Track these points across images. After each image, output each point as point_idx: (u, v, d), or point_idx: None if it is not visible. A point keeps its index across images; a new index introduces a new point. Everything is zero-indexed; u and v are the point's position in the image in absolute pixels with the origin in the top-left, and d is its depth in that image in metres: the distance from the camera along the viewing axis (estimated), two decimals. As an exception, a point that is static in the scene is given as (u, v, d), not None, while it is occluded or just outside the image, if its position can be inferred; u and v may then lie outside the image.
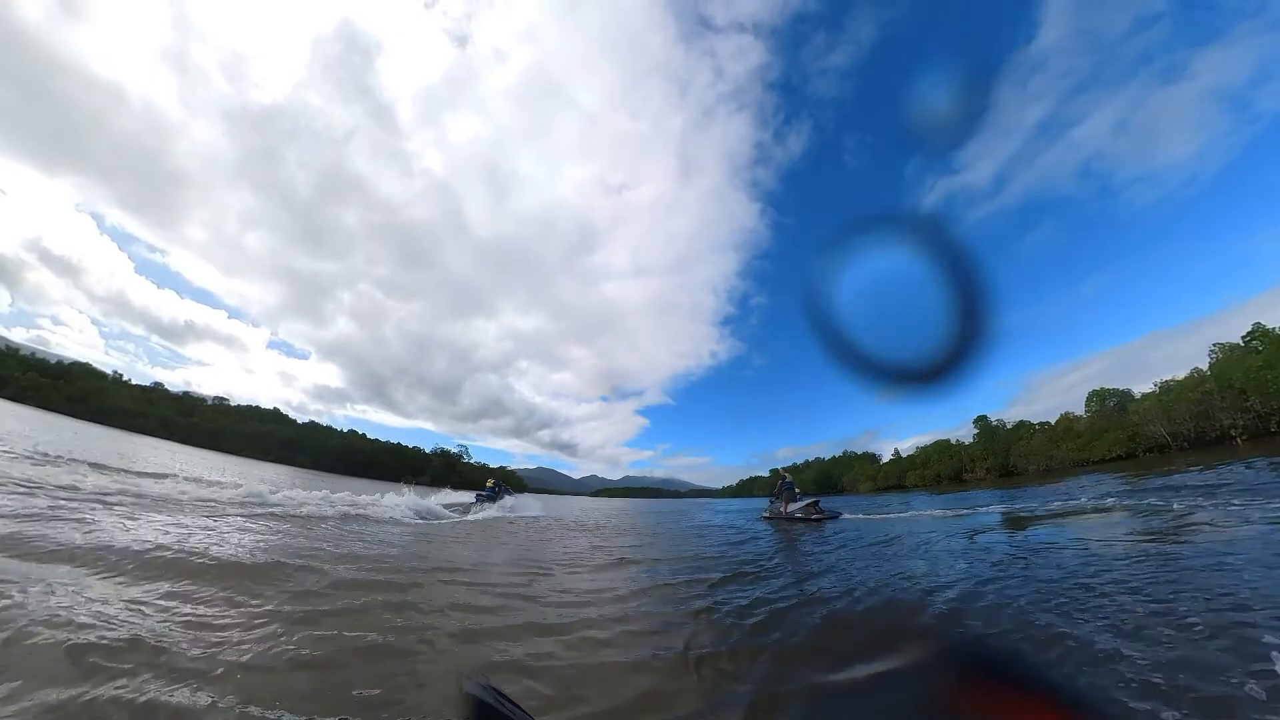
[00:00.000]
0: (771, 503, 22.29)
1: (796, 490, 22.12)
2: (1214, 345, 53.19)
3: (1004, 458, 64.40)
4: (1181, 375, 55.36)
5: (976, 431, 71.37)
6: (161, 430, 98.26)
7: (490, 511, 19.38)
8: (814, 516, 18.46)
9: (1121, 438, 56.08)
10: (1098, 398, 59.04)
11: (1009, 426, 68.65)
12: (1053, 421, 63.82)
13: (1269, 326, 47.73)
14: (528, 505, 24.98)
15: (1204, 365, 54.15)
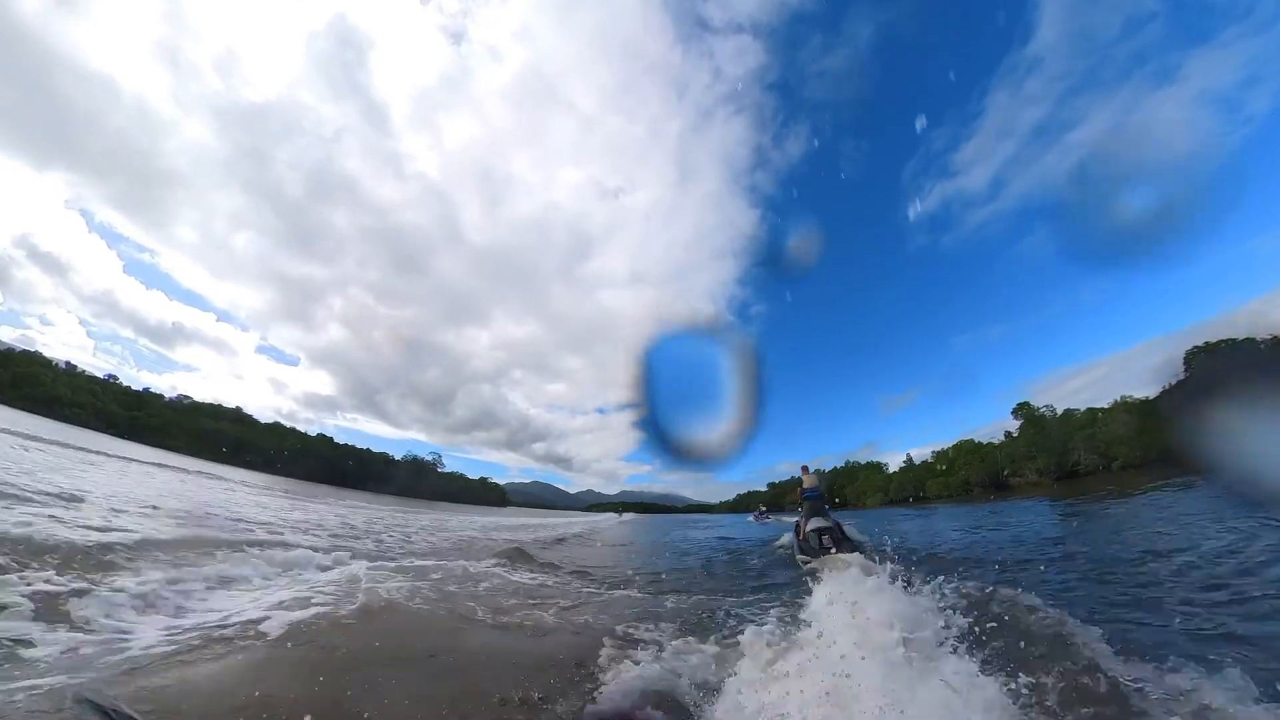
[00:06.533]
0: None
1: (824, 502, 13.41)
2: None
3: (1060, 455, 53.33)
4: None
5: (1020, 424, 60.27)
6: (99, 423, 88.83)
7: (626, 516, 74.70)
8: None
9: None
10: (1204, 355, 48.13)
11: (1059, 414, 57.72)
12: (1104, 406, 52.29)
13: None
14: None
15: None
